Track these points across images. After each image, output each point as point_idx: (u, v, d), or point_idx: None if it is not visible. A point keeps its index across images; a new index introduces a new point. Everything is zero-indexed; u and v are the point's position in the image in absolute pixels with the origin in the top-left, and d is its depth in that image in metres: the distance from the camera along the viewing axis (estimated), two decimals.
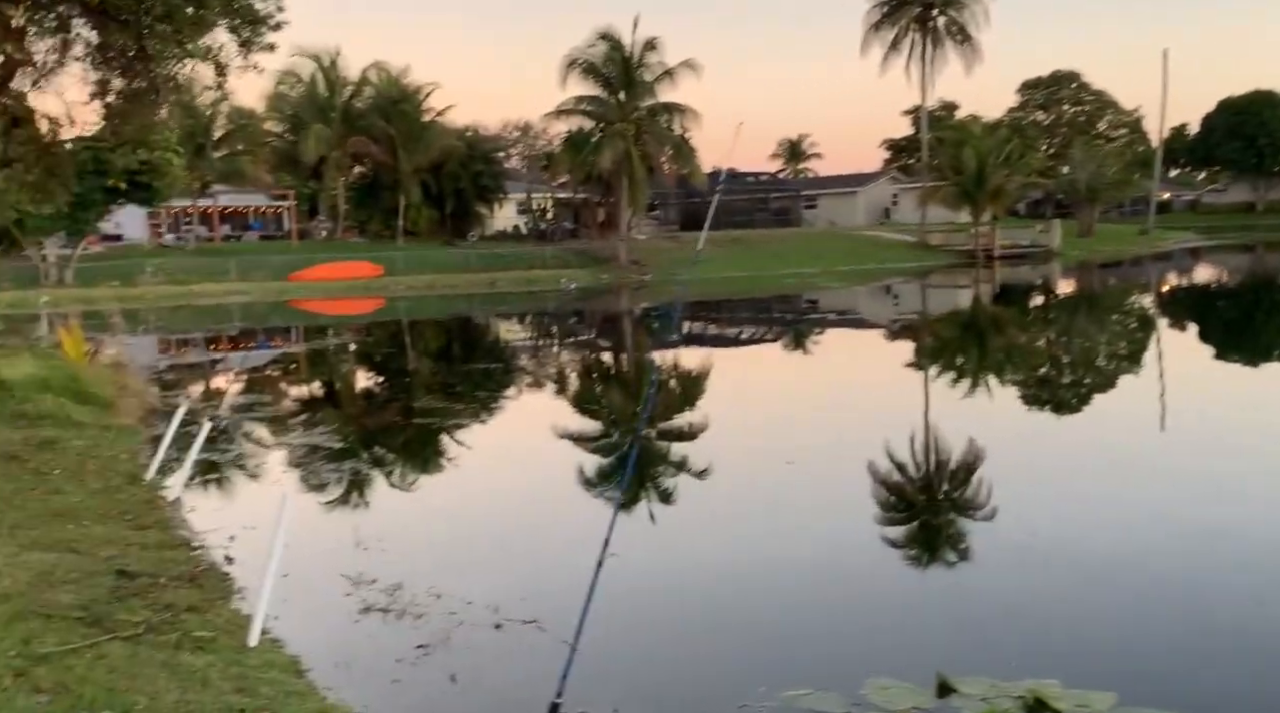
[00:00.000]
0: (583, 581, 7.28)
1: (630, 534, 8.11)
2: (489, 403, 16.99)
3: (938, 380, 18.93)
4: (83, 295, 43.06)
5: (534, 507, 9.81)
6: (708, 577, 7.35)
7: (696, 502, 9.81)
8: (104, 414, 12.90)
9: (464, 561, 7.77)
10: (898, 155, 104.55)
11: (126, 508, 8.51)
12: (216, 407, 13.28)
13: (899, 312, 39.42)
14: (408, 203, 58.73)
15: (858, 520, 8.92)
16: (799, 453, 11.53)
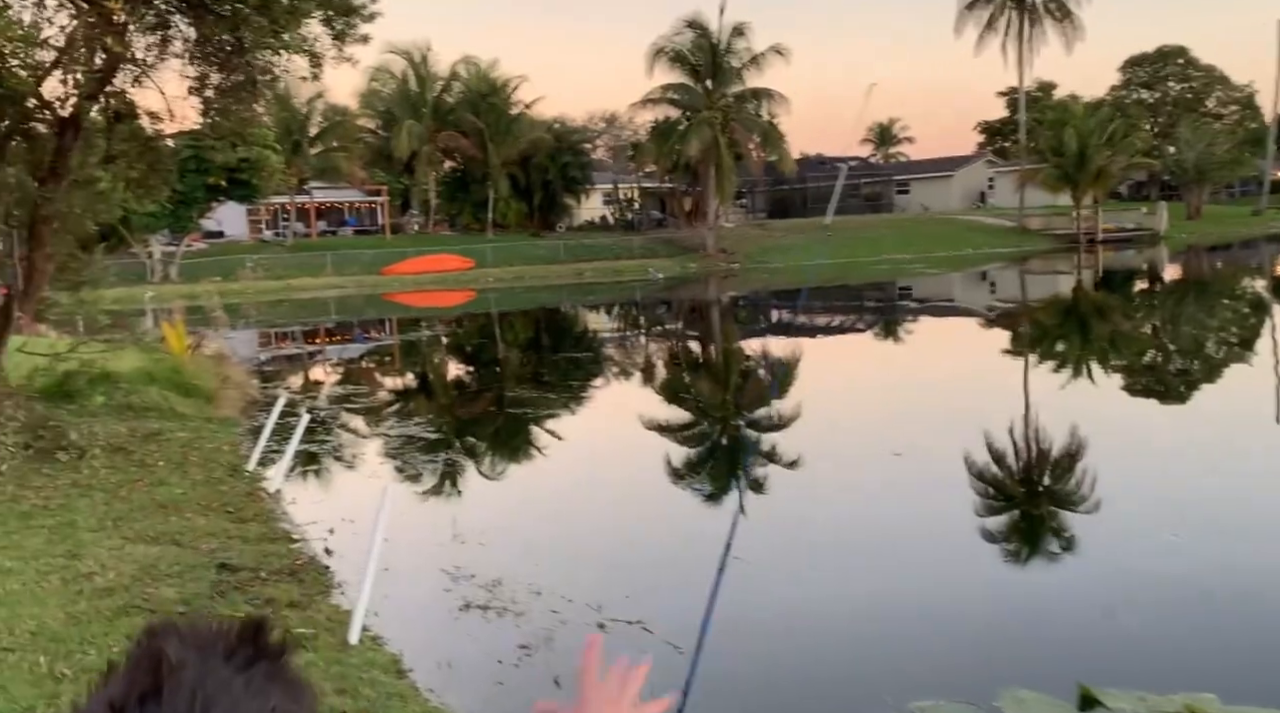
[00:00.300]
0: (687, 578, 7.06)
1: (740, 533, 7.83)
2: (580, 393, 16.83)
3: (1041, 369, 18.18)
4: (187, 291, 44.27)
5: (630, 500, 9.58)
6: (822, 578, 7.00)
7: (804, 498, 9.47)
8: (206, 406, 13.08)
9: (562, 556, 7.56)
10: (992, 138, 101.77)
11: (228, 500, 8.52)
12: (315, 398, 13.35)
13: (996, 298, 38.25)
14: (496, 195, 59.17)
15: (975, 518, 8.48)
16: (905, 445, 11.07)
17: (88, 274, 12.57)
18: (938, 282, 45.60)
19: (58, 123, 11.03)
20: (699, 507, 9.27)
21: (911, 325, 28.55)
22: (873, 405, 14.36)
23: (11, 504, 7.83)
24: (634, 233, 61.25)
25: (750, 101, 55.70)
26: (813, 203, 74.11)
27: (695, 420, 14.34)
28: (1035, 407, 13.58)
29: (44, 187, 10.87)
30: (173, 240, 50.47)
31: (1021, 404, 13.71)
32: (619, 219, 66.25)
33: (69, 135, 10.99)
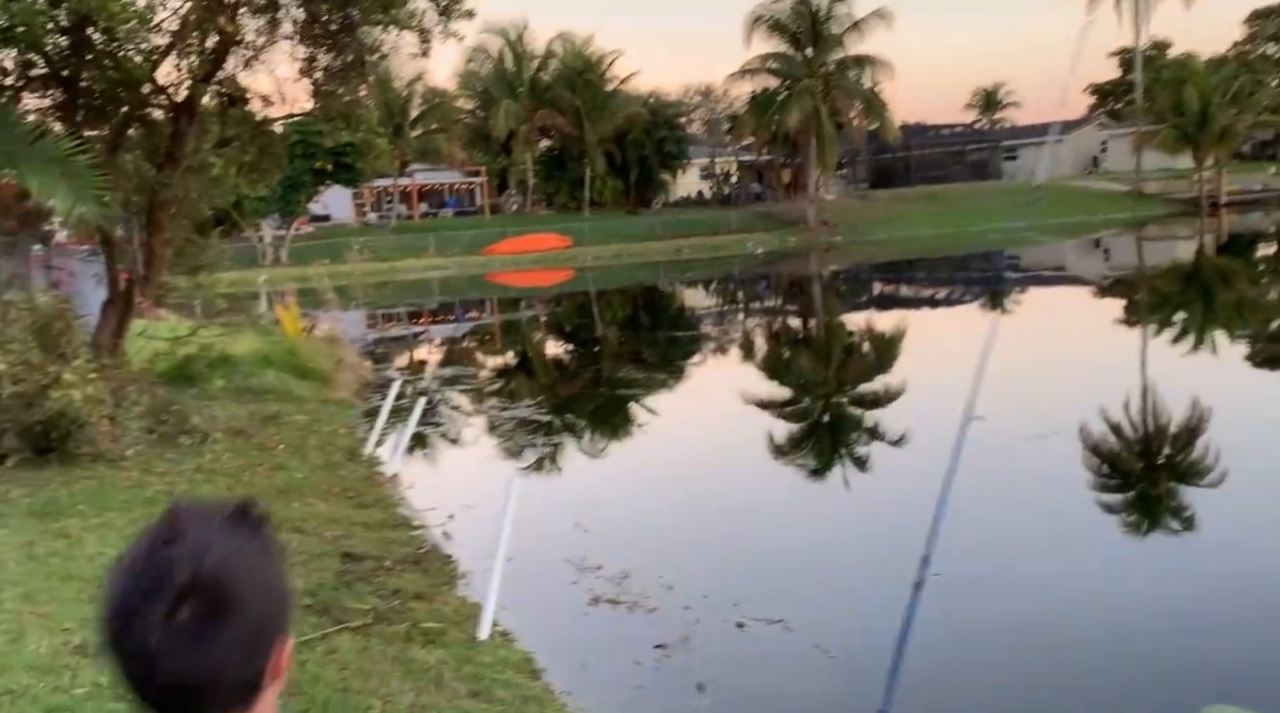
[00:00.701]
0: (821, 570, 6.68)
1: (898, 527, 7.38)
2: (685, 372, 16.44)
3: (1179, 345, 17.11)
4: (297, 273, 45.31)
5: (750, 485, 9.19)
6: (996, 581, 6.44)
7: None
8: (322, 389, 13.13)
9: (689, 545, 7.23)
10: (1103, 100, 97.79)
11: (348, 485, 8.43)
12: (428, 381, 13.21)
13: (1111, 267, 36.58)
14: (593, 173, 59.04)
15: (1141, 506, 7.86)
16: (1051, 428, 10.32)
17: (205, 258, 12.70)
18: (1050, 250, 43.89)
19: (173, 108, 11.08)
20: (820, 491, 8.81)
21: (1022, 297, 27.36)
22: (999, 383, 13.60)
23: (137, 490, 7.85)
24: (731, 207, 60.46)
25: (852, 69, 54.32)
26: (917, 171, 72.11)
27: (809, 401, 13.83)
28: (1208, 386, 12.50)
29: (161, 172, 10.94)
30: (282, 224, 51.66)
31: (1179, 383, 12.66)
32: (716, 194, 65.50)
33: (184, 120, 11.03)
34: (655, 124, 60.91)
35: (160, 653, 1.07)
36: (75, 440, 8.65)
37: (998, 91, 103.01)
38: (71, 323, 9.70)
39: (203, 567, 1.08)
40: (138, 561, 1.14)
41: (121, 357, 11.54)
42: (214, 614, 1.08)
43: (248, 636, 1.11)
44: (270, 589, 1.14)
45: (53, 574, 5.85)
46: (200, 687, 1.10)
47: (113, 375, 9.75)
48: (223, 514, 1.15)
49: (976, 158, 76.91)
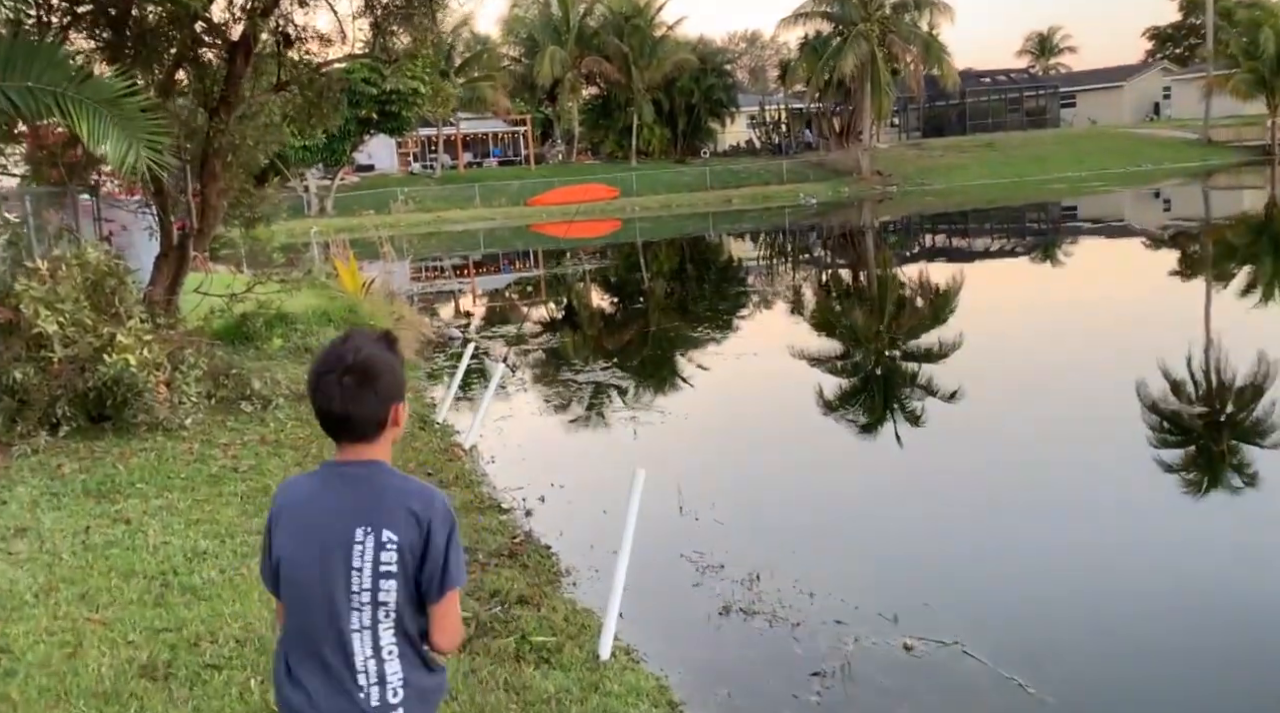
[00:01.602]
0: (983, 573, 5.87)
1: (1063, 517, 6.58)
2: (773, 335, 15.07)
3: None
4: (343, 223, 44.81)
5: (877, 468, 8.27)
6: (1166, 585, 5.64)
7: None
8: None
9: (817, 538, 6.40)
10: (1162, 45, 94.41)
11: (424, 459, 7.72)
12: (489, 339, 12.30)
13: (1174, 216, 34.98)
14: (640, 122, 57.74)
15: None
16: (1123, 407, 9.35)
17: (261, 210, 12.01)
18: (1110, 200, 42.22)
19: (228, 48, 10.32)
20: (959, 473, 7.91)
21: (1087, 249, 26.04)
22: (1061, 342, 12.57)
23: (200, 465, 7.20)
24: (782, 157, 58.97)
25: (908, 12, 52.39)
26: (972, 119, 69.97)
27: (932, 369, 12.63)
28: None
29: (215, 118, 10.21)
30: (326, 174, 51.10)
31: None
32: (765, 143, 63.91)
33: (239, 61, 10.28)
34: (704, 71, 59.40)
35: (333, 400, 2.17)
36: (132, 408, 8.02)
37: (1053, 36, 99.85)
38: (125, 279, 9.03)
39: (359, 356, 2.18)
40: (327, 352, 2.23)
41: (176, 315, 10.92)
42: (362, 382, 2.16)
43: (380, 396, 2.18)
44: (394, 374, 2.22)
45: (113, 570, 5.20)
46: (352, 420, 2.19)
47: (169, 337, 9.10)
48: (374, 335, 2.27)
49: (1033, 105, 74.51)
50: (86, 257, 8.68)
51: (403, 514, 2.15)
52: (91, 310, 8.37)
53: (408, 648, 2.21)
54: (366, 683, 2.17)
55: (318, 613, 2.18)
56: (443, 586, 2.18)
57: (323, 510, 2.19)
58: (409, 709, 2.20)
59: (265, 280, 11.71)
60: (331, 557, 2.16)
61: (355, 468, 2.20)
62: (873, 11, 51.40)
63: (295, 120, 11.44)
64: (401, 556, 2.14)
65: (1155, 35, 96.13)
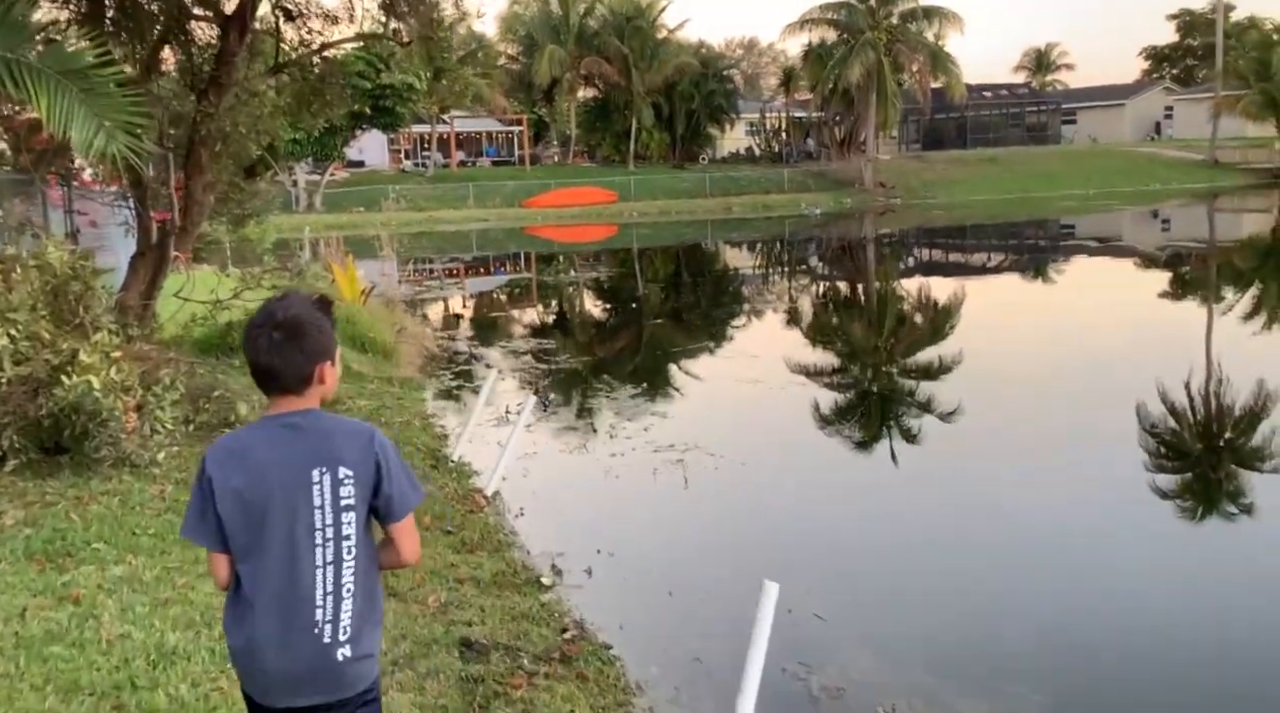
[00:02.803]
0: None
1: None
2: (829, 364, 13.46)
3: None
4: (333, 221, 43.51)
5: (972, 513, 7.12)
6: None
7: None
8: (384, 364, 11.20)
9: (947, 638, 5.21)
10: (1159, 65, 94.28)
11: (440, 508, 6.49)
12: (498, 354, 10.83)
13: (1185, 238, 34.17)
14: (639, 125, 56.55)
15: None
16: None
17: (252, 206, 10.74)
18: (1131, 220, 41.34)
19: (221, 22, 9.07)
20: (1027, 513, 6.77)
21: (1098, 270, 25.06)
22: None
23: (173, 516, 5.92)
24: (782, 165, 57.88)
25: (916, 21, 51.41)
26: (973, 133, 69.14)
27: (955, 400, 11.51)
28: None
29: (204, 101, 8.95)
30: (316, 169, 49.71)
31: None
32: (766, 151, 62.79)
33: (233, 38, 9.02)
34: (705, 76, 58.29)
35: (260, 352, 2.31)
36: (94, 440, 6.74)
37: (1050, 52, 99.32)
38: (92, 283, 7.74)
39: (288, 313, 2.32)
40: (261, 309, 2.37)
41: (152, 323, 9.65)
42: (290, 338, 2.30)
43: (306, 353, 2.31)
44: (322, 333, 2.34)
45: (50, 681, 3.94)
46: (278, 373, 2.32)
47: (142, 352, 7.83)
48: (310, 297, 2.42)
49: (1034, 121, 73.74)
50: (47, 257, 7.40)
51: (351, 451, 2.33)
52: (50, 321, 7.11)
53: (361, 586, 2.36)
54: (322, 619, 2.31)
55: (278, 555, 2.30)
56: (402, 507, 2.39)
57: (272, 460, 2.31)
58: (356, 648, 2.33)
59: (254, 285, 10.42)
60: (291, 497, 2.29)
61: (293, 417, 2.35)
62: (881, 20, 50.41)
63: (294, 108, 10.18)
64: (359, 488, 2.33)
65: (1152, 55, 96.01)
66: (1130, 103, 75.26)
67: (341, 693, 2.32)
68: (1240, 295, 19.34)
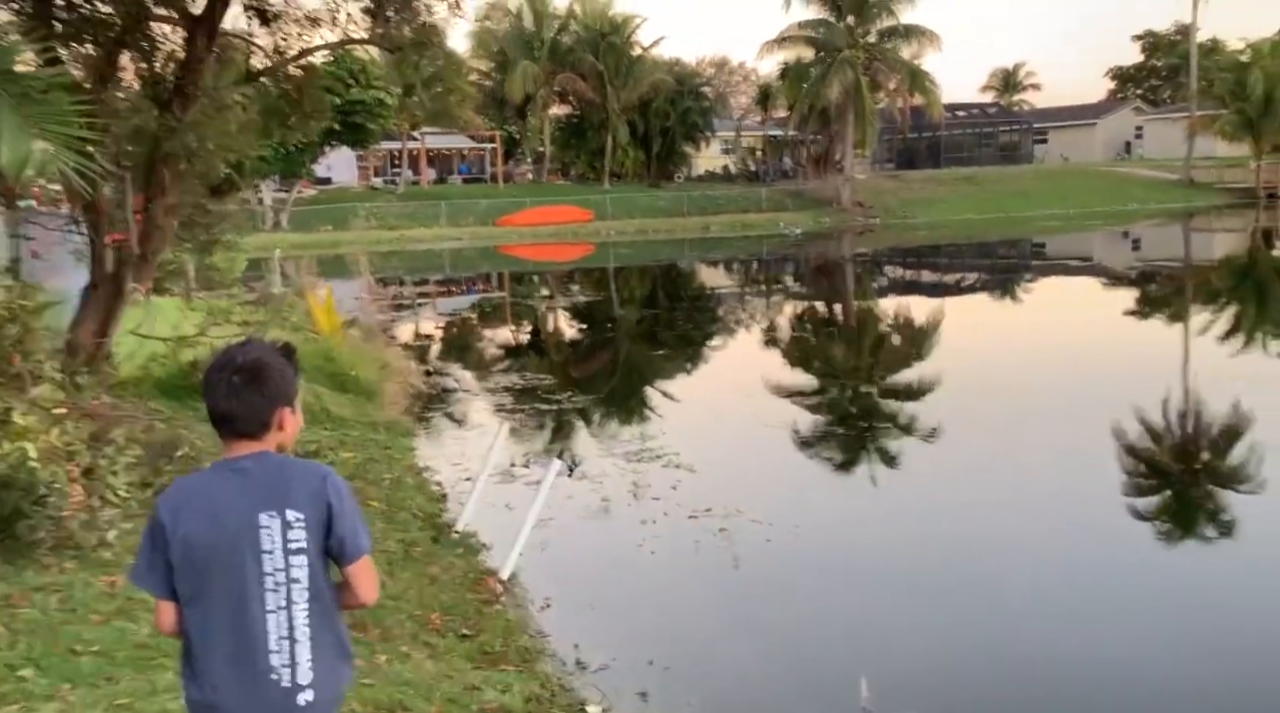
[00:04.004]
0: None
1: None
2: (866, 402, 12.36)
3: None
4: (300, 240, 42.19)
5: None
6: None
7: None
8: (367, 406, 10.07)
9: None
10: (1124, 85, 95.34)
11: (451, 603, 5.40)
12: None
13: (1157, 258, 33.93)
14: (615, 142, 55.67)
15: None
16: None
17: (219, 230, 9.61)
18: (1112, 241, 41.04)
19: (186, 24, 7.97)
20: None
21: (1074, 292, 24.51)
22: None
23: (125, 624, 4.77)
24: (759, 184, 57.20)
25: (894, 39, 50.97)
26: (946, 152, 68.98)
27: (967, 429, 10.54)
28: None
29: (167, 113, 7.84)
30: (282, 186, 48.35)
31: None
32: (742, 170, 62.12)
33: (200, 42, 7.93)
34: (681, 93, 57.56)
35: (220, 397, 2.28)
36: (30, 520, 5.59)
37: (1018, 72, 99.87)
38: (32, 325, 6.61)
39: (249, 358, 2.31)
40: (222, 353, 2.37)
41: (106, 366, 8.50)
42: (249, 382, 2.26)
43: (266, 397, 2.29)
44: (283, 379, 2.33)
45: None
46: (236, 417, 2.28)
47: (93, 407, 6.69)
48: (272, 344, 2.42)
49: (1006, 140, 73.77)
50: None
51: (301, 494, 2.29)
52: None
53: (323, 632, 2.31)
54: (279, 664, 2.26)
55: (226, 601, 2.26)
56: (356, 549, 2.33)
57: (223, 503, 2.29)
58: (320, 693, 2.29)
59: (222, 320, 9.29)
60: (239, 544, 2.26)
61: (244, 461, 2.32)
62: (859, 38, 49.93)
63: (270, 121, 9.08)
64: (310, 532, 2.29)
65: (1118, 75, 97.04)
66: (1101, 122, 75.66)
67: None
68: (1218, 315, 19.44)
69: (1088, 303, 22.06)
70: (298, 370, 2.40)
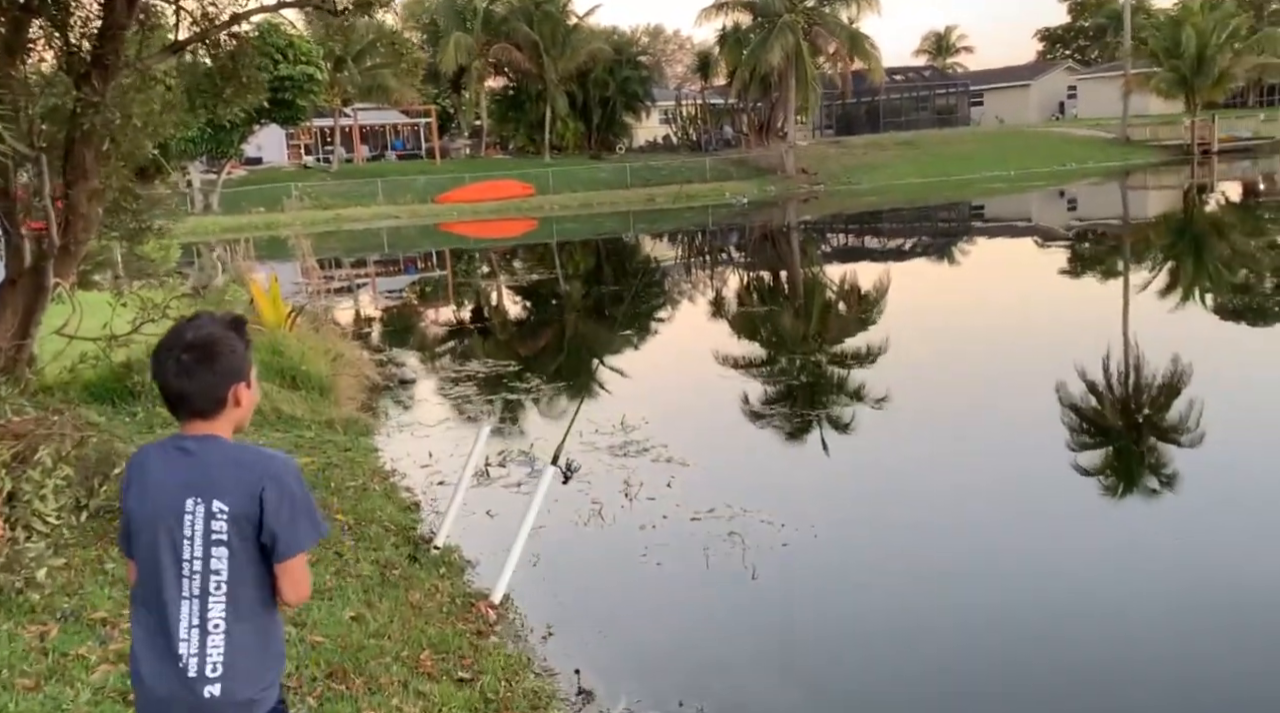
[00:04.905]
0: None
1: None
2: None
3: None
4: (231, 223, 40.72)
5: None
6: None
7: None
8: (321, 403, 9.30)
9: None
10: (1052, 46, 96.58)
11: (441, 635, 4.74)
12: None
13: (1096, 217, 34.17)
14: (554, 114, 54.56)
15: None
16: None
17: (150, 217, 8.74)
18: (1050, 198, 41.28)
19: None
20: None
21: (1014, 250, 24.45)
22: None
23: (59, 688, 4.05)
24: (702, 153, 56.55)
25: (833, 3, 50.49)
26: (885, 117, 68.94)
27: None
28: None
29: (85, 88, 6.97)
30: (211, 168, 46.64)
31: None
32: (683, 139, 61.39)
33: (119, 7, 7.06)
34: (619, 63, 56.61)
35: (170, 376, 2.21)
36: None
37: (950, 35, 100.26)
38: None
39: (199, 334, 2.23)
40: (170, 331, 2.28)
41: (27, 372, 7.65)
42: (200, 360, 2.20)
43: (218, 374, 2.22)
44: (235, 355, 2.25)
45: None
46: (188, 396, 2.22)
47: (14, 424, 5.89)
48: (223, 317, 2.33)
49: (943, 103, 73.94)
50: None
51: (232, 485, 2.23)
52: None
53: (243, 628, 2.25)
54: (186, 653, 2.23)
55: (152, 579, 2.26)
56: (289, 548, 2.25)
57: (158, 482, 2.27)
58: (228, 687, 2.22)
59: (157, 316, 8.44)
60: (163, 525, 2.24)
61: (190, 442, 2.27)
62: (798, 2, 49.35)
63: (202, 95, 8.22)
64: (236, 524, 2.23)
65: (1047, 37, 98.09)
66: (1035, 83, 76.27)
67: None
68: (1156, 272, 19.68)
69: (1035, 263, 22.05)
70: (248, 343, 2.35)
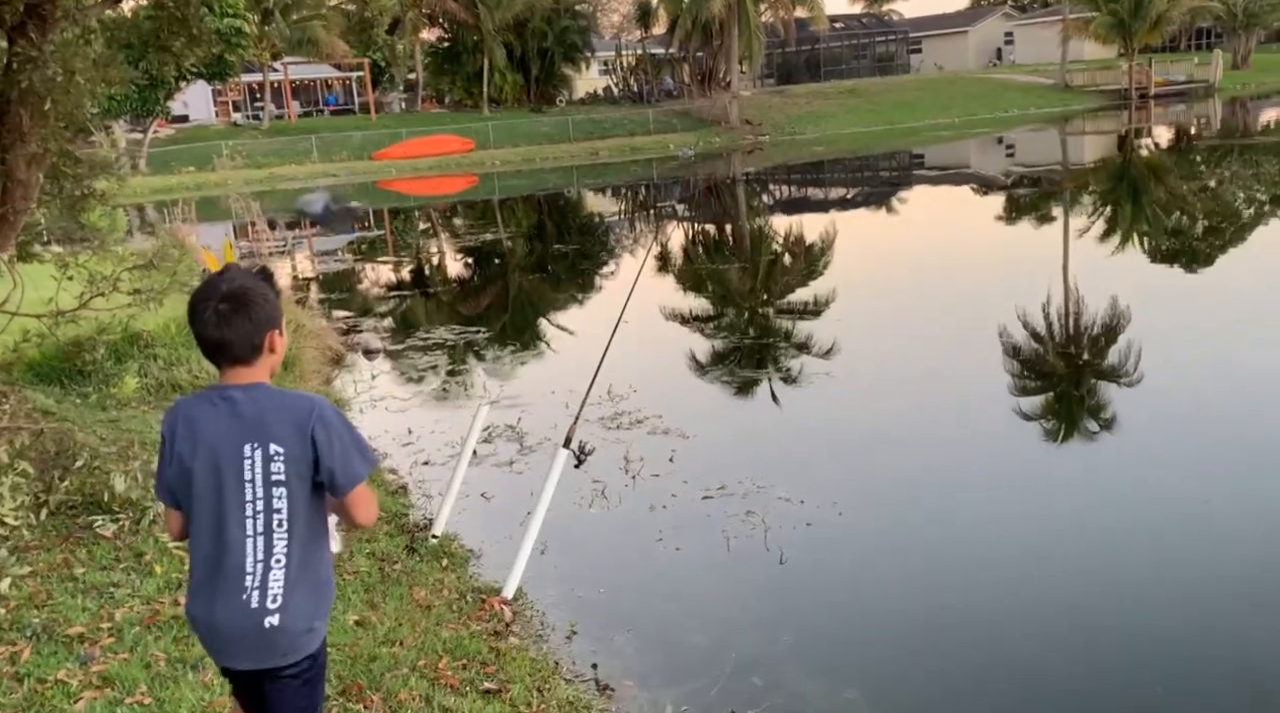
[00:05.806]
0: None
1: None
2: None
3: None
4: (161, 183, 39.24)
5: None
6: None
7: None
8: (286, 379, 8.75)
9: None
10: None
11: (457, 641, 4.32)
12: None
13: (1036, 163, 34.39)
14: (492, 66, 53.26)
15: None
16: None
17: (91, 181, 8.07)
18: (995, 145, 41.39)
19: None
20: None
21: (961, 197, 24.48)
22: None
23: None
24: (644, 105, 55.71)
25: None
26: (826, 65, 68.63)
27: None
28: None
29: (20, 42, 6.30)
30: (136, 127, 44.83)
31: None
32: (624, 91, 60.43)
33: None
34: (557, 12, 55.36)
35: (209, 326, 2.33)
36: None
37: None
38: None
39: (233, 285, 2.35)
40: (205, 283, 2.39)
41: None
42: (236, 309, 2.32)
43: (254, 322, 2.35)
44: (268, 303, 2.39)
45: None
46: (228, 344, 2.35)
47: None
48: (252, 269, 2.41)
49: (883, 51, 73.78)
50: None
51: (286, 428, 2.35)
52: None
53: (301, 563, 2.38)
54: (250, 585, 2.34)
55: (210, 521, 2.36)
56: (349, 480, 2.38)
57: (211, 431, 2.36)
58: (284, 617, 2.35)
59: (107, 290, 7.81)
60: (223, 472, 2.35)
61: (236, 391, 2.38)
62: None
63: (148, 48, 7.53)
64: (293, 465, 2.36)
65: None
66: (973, 29, 76.44)
67: (275, 661, 2.37)
68: (1095, 217, 19.88)
69: (983, 210, 22.08)
70: (278, 292, 2.49)
